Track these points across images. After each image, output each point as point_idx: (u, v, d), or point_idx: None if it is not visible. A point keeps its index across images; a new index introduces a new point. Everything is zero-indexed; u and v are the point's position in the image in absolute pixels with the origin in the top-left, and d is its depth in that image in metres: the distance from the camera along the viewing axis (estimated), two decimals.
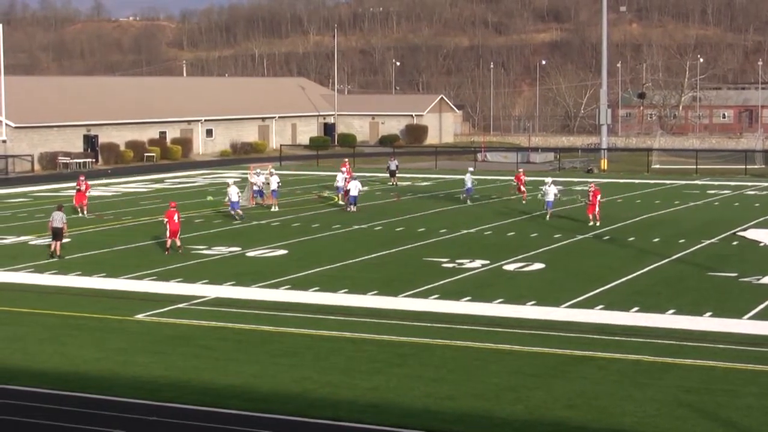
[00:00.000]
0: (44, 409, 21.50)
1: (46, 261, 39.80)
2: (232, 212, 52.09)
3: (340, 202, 58.17)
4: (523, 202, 58.40)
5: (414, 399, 21.96)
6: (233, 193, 52.06)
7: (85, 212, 53.96)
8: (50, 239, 41.56)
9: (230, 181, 54.59)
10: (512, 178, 65.59)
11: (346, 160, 70.23)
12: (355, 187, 56.01)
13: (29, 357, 25.56)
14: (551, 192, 51.73)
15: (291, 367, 24.49)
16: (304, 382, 23.23)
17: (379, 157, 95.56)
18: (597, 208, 49.37)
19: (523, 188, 59.90)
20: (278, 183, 57.07)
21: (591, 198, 49.61)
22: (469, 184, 60.33)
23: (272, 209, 55.59)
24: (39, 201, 61.60)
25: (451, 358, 25.25)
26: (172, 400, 21.93)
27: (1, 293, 33.81)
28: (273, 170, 57.99)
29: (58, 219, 40.93)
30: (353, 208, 55.25)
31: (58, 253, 40.60)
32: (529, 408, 21.33)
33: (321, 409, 21.32)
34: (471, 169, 64.01)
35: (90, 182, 59.66)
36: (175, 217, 41.10)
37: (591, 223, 48.71)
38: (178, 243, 41.20)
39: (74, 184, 55.57)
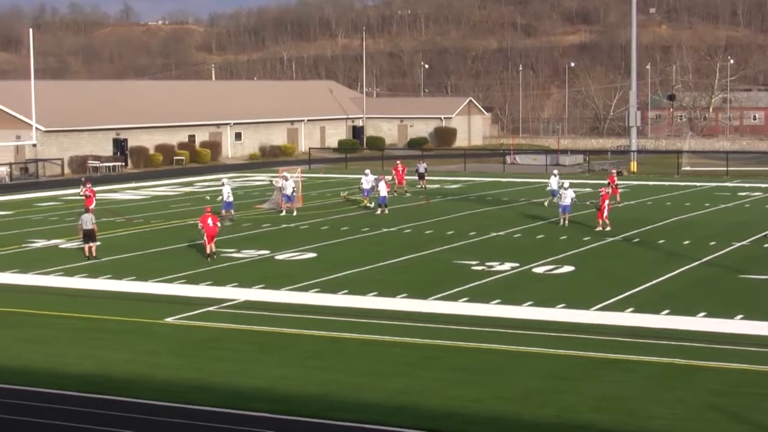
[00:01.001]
0: (73, 411, 21.58)
1: (77, 264, 39.96)
2: (223, 213, 51.88)
3: (369, 205, 58.06)
4: (618, 204, 57.55)
5: (441, 401, 21.91)
6: (226, 192, 52.24)
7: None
8: (82, 242, 41.87)
9: (225, 180, 54.78)
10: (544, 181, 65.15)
11: (399, 161, 70.04)
12: (384, 188, 55.97)
13: (60, 360, 25.66)
14: (568, 196, 50.19)
15: (319, 369, 24.50)
16: (332, 384, 23.23)
17: (408, 160, 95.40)
18: (606, 212, 48.13)
19: (617, 190, 58.52)
20: (293, 188, 56.64)
21: (600, 202, 48.61)
22: (554, 186, 58.01)
23: (291, 213, 55.06)
24: (69, 204, 61.87)
25: (479, 360, 25.19)
26: (201, 402, 21.97)
27: (32, 296, 34.00)
28: (288, 175, 57.49)
29: (88, 221, 41.32)
30: (385, 210, 55.26)
31: (93, 254, 40.91)
32: (558, 411, 21.25)
33: (348, 411, 21.31)
34: (555, 171, 61.94)
35: (120, 186, 59.77)
36: (209, 221, 40.97)
37: (599, 229, 47.59)
38: (213, 249, 41.07)
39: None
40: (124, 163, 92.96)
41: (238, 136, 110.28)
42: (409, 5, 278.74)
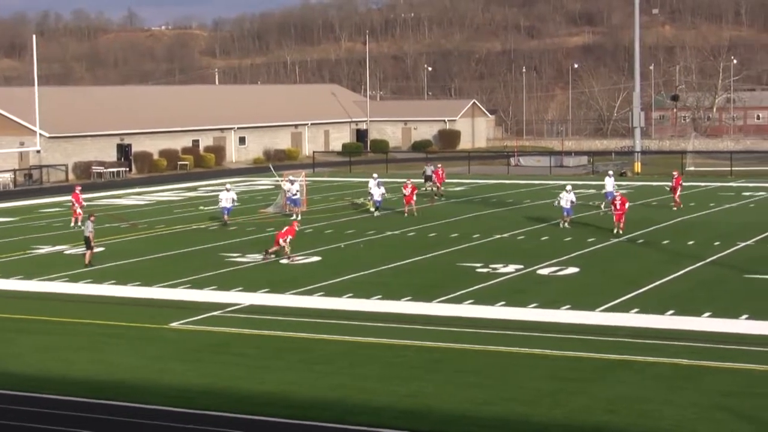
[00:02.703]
0: (81, 417, 21.57)
1: (81, 270, 39.96)
2: (225, 217, 52.43)
3: (372, 209, 57.88)
4: (674, 209, 56.69)
5: (451, 405, 21.89)
6: (224, 198, 52.41)
7: (80, 222, 53.77)
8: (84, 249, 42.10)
9: (228, 186, 54.72)
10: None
11: (440, 165, 69.86)
12: (377, 192, 55.73)
13: (66, 365, 25.66)
14: (568, 198, 49.35)
15: (327, 374, 24.48)
16: (341, 388, 23.22)
17: (412, 163, 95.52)
18: (623, 216, 47.34)
19: (677, 194, 57.63)
20: (297, 191, 56.55)
21: (619, 206, 47.63)
22: (610, 188, 56.66)
23: (296, 217, 55.06)
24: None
25: (487, 363, 25.17)
26: (208, 408, 21.95)
27: (37, 302, 34.00)
28: (293, 178, 57.42)
29: (86, 228, 41.45)
30: (376, 213, 55.16)
31: (86, 261, 40.85)
32: (567, 413, 21.22)
33: (359, 415, 21.30)
34: (611, 172, 60.46)
35: (124, 191, 59.78)
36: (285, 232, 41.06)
37: (615, 231, 46.89)
38: (272, 249, 41.17)
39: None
40: (128, 169, 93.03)
41: (242, 140, 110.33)
42: (412, 8, 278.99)
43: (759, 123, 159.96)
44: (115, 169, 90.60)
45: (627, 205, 48.51)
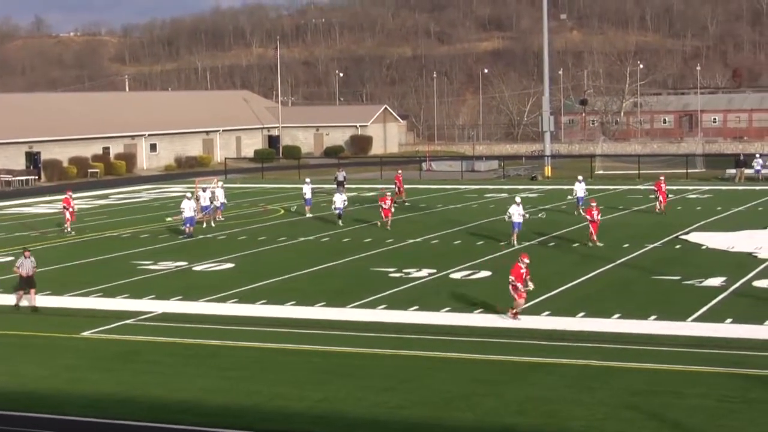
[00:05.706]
0: None
1: None
2: (187, 228, 50.74)
3: (309, 215, 57.88)
4: (657, 211, 56.40)
5: (364, 409, 22.02)
6: (188, 207, 50.88)
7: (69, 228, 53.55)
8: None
9: (189, 195, 54.07)
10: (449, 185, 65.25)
11: (400, 171, 70.05)
12: (339, 199, 54.91)
13: None
14: (518, 212, 45.97)
15: (241, 380, 24.48)
16: (255, 395, 23.23)
17: (325, 169, 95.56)
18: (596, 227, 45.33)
19: (661, 198, 56.67)
20: (209, 198, 56.16)
21: (595, 216, 45.18)
22: (581, 194, 56.66)
23: (208, 224, 54.84)
24: None
25: (400, 367, 25.34)
26: (122, 416, 21.84)
27: None
28: (205, 185, 57.23)
29: (23, 267, 34.50)
30: (339, 222, 54.52)
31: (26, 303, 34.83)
32: (479, 415, 21.45)
33: (272, 421, 21.34)
34: (581, 177, 59.35)
35: (33, 200, 59.07)
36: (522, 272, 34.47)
37: (592, 244, 44.80)
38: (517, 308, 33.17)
39: (56, 200, 55.20)
40: (37, 177, 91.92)
41: (153, 147, 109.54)
42: (323, 14, 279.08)
43: (665, 127, 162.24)
44: (23, 177, 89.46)
45: (599, 216, 46.18)
